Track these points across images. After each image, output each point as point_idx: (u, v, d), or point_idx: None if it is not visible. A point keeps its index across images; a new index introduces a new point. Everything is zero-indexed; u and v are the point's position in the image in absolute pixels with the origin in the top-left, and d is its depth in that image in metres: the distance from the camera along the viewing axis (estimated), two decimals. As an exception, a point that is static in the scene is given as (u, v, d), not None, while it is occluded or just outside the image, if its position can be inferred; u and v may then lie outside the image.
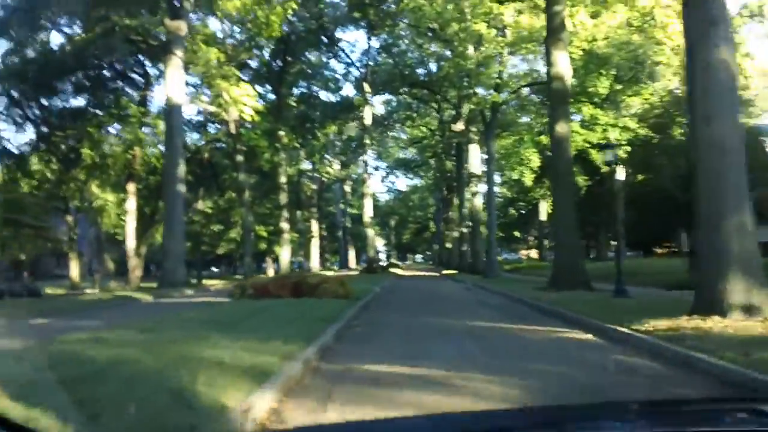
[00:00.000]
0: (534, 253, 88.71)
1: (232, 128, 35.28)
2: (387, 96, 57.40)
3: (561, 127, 17.85)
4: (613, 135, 33.71)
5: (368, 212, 43.77)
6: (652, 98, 35.07)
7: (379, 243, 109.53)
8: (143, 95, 36.14)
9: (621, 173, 16.32)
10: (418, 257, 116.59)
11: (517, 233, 74.51)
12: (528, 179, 47.89)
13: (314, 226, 55.00)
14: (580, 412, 2.21)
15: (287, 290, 13.92)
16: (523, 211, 65.07)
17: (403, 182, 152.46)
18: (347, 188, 79.04)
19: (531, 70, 35.66)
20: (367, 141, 45.00)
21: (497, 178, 57.73)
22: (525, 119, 49.53)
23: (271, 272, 49.10)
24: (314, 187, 56.51)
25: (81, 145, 33.21)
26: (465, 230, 44.98)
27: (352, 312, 11.69)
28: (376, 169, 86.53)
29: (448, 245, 58.73)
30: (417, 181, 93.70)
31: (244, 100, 32.84)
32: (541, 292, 17.22)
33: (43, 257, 46.76)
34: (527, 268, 43.87)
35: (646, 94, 34.32)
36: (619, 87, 32.05)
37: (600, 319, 9.72)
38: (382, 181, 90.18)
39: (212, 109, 35.72)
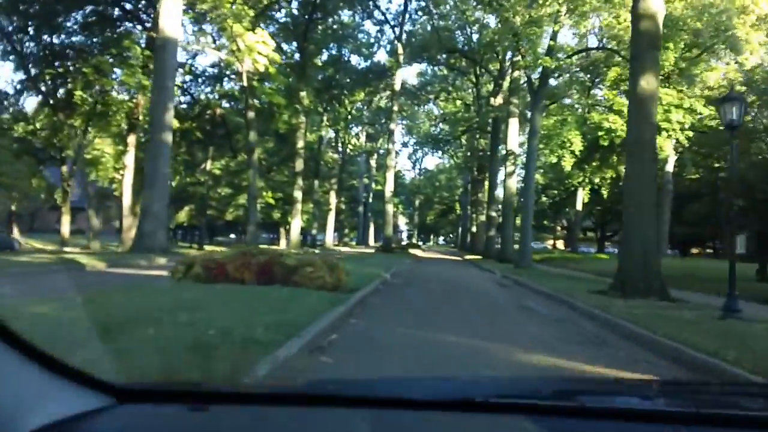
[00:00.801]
0: (561, 244, 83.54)
1: (244, 80, 30.89)
2: (421, 66, 52.99)
3: (647, 82, 13.07)
4: (676, 117, 28.67)
5: (390, 186, 39.24)
6: (734, 74, 29.74)
7: (402, 222, 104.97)
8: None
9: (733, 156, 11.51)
10: (441, 240, 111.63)
11: (545, 222, 69.43)
12: (567, 164, 42.79)
13: (332, 198, 50.73)
14: (594, 385, 2.19)
15: (252, 273, 9.56)
16: (556, 199, 59.95)
17: (431, 161, 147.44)
18: (372, 163, 74.63)
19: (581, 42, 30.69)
20: (396, 109, 40.27)
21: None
22: (567, 101, 44.77)
23: (282, 244, 45.01)
24: (336, 157, 52.07)
25: (74, 87, 29.22)
26: (495, 214, 40.26)
27: (332, 317, 7.29)
28: (405, 145, 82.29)
29: (474, 229, 54.02)
30: (446, 161, 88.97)
31: (259, 48, 28.51)
32: (602, 298, 12.66)
33: (40, 210, 43.32)
34: (559, 259, 39.10)
35: (727, 68, 29.06)
36: (692, 55, 26.81)
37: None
38: (410, 158, 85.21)
39: (221, 55, 31.40)
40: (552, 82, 31.10)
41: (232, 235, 63.41)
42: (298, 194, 39.46)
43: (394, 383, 2.02)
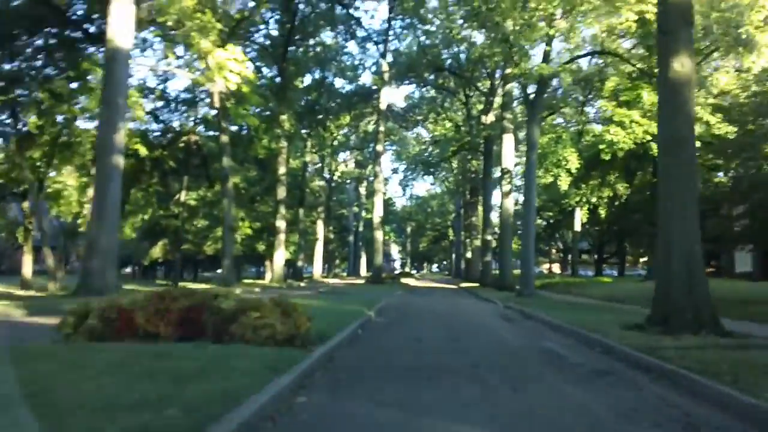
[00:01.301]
0: (556, 268, 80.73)
1: (216, 101, 28.34)
2: (409, 88, 50.78)
3: (681, 63, 10.48)
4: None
5: (378, 212, 36.52)
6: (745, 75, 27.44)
7: (394, 250, 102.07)
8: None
9: None
10: (434, 267, 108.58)
11: (540, 245, 66.76)
12: (564, 183, 40.32)
13: (320, 228, 47.89)
14: None
15: (171, 323, 6.70)
16: (551, 221, 57.46)
17: (422, 187, 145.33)
18: (362, 190, 72.00)
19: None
20: (382, 129, 37.80)
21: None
22: (560, 120, 42.61)
23: (269, 277, 42.05)
24: (321, 184, 49.45)
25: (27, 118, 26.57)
26: (490, 237, 37.57)
27: (262, 400, 4.44)
28: (395, 171, 79.83)
29: (469, 255, 51.27)
30: (437, 188, 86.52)
31: (230, 66, 26.01)
32: (641, 335, 9.87)
33: (7, 250, 40.22)
34: (560, 284, 36.28)
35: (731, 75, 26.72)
36: (699, 57, 24.43)
37: None
38: (400, 184, 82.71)
39: (189, 75, 28.86)
40: (549, 91, 28.73)
41: (219, 270, 60.48)
42: (281, 224, 36.66)
43: None
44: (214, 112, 34.28)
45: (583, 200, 42.52)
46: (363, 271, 73.61)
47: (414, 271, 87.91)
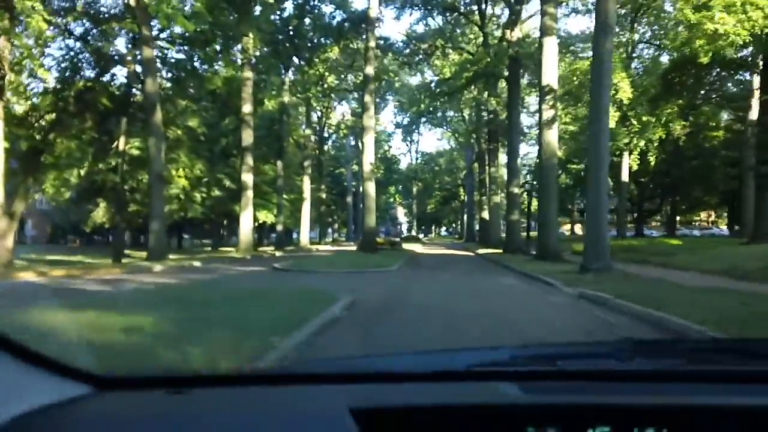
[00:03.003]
0: (579, 228, 70.73)
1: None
2: (410, 19, 40.59)
3: None
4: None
5: (369, 156, 27.06)
6: None
7: (400, 213, 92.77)
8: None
9: None
10: (443, 231, 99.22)
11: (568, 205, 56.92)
12: (611, 118, 30.70)
13: (306, 185, 38.60)
14: (571, 349, 2.17)
15: None
16: (582, 173, 47.52)
17: (429, 143, 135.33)
18: (361, 145, 62.63)
19: None
20: (372, 45, 28.17)
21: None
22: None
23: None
24: (308, 133, 39.91)
25: None
26: (517, 190, 28.22)
27: None
28: (398, 126, 69.98)
29: (485, 214, 41.97)
30: (445, 144, 76.55)
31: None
32: None
33: None
34: (621, 248, 26.95)
35: None
36: None
37: None
38: (404, 140, 73.12)
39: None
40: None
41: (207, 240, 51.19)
42: (247, 178, 27.56)
43: (374, 360, 1.93)
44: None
45: (634, 142, 32.99)
46: (365, 235, 64.76)
47: (421, 235, 78.83)
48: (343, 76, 44.09)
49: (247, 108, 27.88)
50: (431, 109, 41.20)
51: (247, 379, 1.47)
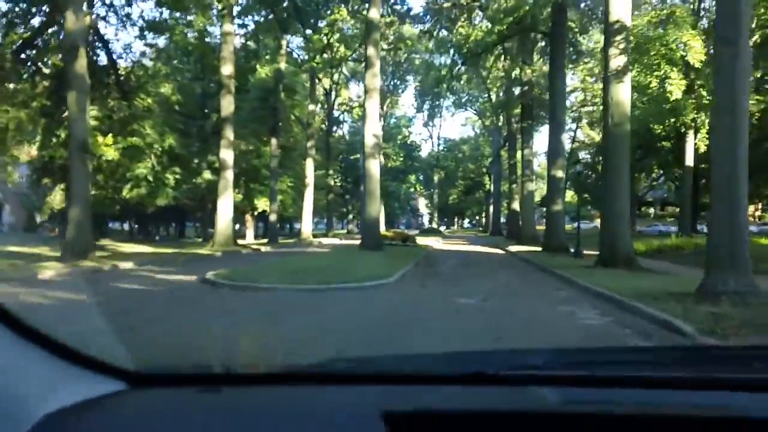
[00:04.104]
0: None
1: None
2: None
3: None
4: None
5: (372, 126, 21.01)
6: None
7: (422, 204, 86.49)
8: None
9: None
10: (466, 223, 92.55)
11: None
12: (676, 88, 24.24)
13: (309, 168, 32.76)
14: (607, 355, 1.94)
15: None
16: (637, 157, 40.33)
17: (452, 129, 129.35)
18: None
19: None
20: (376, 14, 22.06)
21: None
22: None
23: (250, 236, 27.09)
24: (313, 108, 33.98)
25: None
26: (562, 173, 22.03)
27: None
28: (419, 110, 63.71)
29: (516, 205, 35.75)
30: (468, 131, 70.10)
31: None
32: None
33: None
34: (674, 247, 20.67)
35: None
36: None
37: None
38: (426, 125, 66.98)
39: None
40: None
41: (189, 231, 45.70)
42: (226, 155, 21.89)
43: (406, 359, 1.87)
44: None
45: (701, 118, 26.50)
46: (382, 226, 58.84)
47: (443, 228, 72.54)
48: (357, 46, 38.21)
49: (227, 69, 22.15)
50: (454, 84, 34.91)
51: (281, 378, 1.43)
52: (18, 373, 1.03)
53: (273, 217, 28.87)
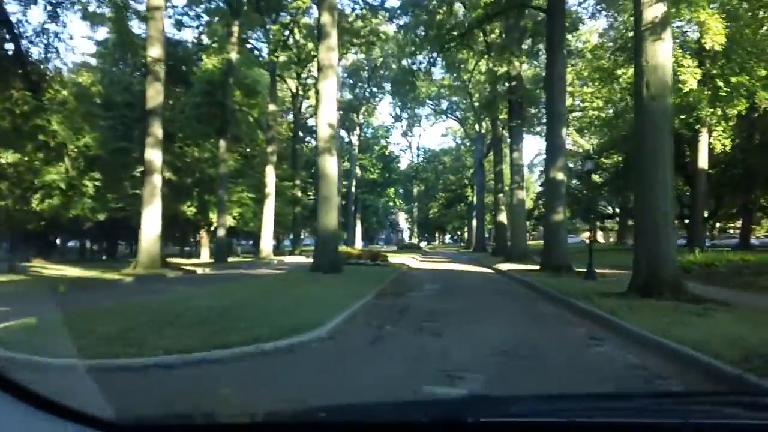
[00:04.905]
0: (601, 236, 59.42)
1: None
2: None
3: None
4: None
5: (326, 114, 16.48)
6: None
7: (402, 218, 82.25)
8: None
9: None
10: (447, 238, 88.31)
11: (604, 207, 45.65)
12: (690, 78, 20.37)
13: (269, 176, 28.33)
14: (583, 401, 1.92)
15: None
16: (621, 165, 36.54)
17: (432, 139, 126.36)
18: (354, 139, 52.62)
19: None
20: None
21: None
22: None
23: (201, 256, 22.17)
24: (273, 108, 29.60)
25: None
26: (562, 176, 17.93)
27: None
28: (397, 119, 59.76)
29: (502, 217, 31.64)
30: (449, 141, 66.16)
31: None
32: None
33: None
34: (702, 264, 16.53)
35: None
36: None
37: None
38: (404, 135, 63.16)
39: None
40: None
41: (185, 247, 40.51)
42: (153, 155, 17.45)
43: (386, 407, 1.82)
44: None
45: (718, 113, 22.78)
46: (358, 242, 54.38)
47: (423, 243, 68.29)
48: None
49: (154, 51, 17.81)
50: (432, 88, 30.88)
51: (264, 427, 1.40)
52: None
53: (221, 232, 24.27)
